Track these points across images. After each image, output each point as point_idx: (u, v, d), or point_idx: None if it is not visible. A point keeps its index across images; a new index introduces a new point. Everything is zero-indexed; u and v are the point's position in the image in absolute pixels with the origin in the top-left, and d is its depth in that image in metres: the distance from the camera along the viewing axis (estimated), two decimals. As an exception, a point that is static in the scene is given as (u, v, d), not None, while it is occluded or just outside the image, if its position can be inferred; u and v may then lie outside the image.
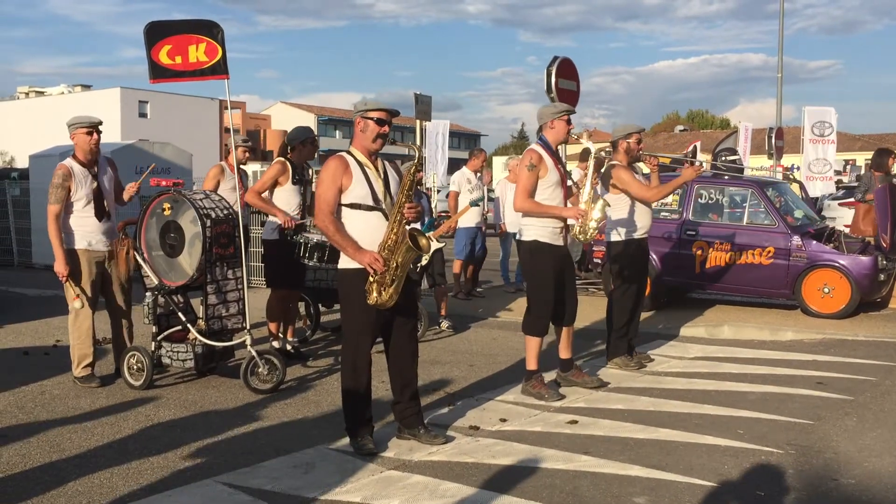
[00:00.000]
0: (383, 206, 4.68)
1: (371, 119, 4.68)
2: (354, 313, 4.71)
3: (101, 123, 6.30)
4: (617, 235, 6.89)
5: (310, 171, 7.33)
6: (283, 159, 7.02)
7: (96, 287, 6.26)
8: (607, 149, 6.87)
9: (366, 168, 4.69)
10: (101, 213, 6.20)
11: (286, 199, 6.95)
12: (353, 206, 4.65)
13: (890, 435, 5.11)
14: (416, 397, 4.95)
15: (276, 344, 7.07)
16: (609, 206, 6.30)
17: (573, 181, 6.39)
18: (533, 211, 5.81)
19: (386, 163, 4.87)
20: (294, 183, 6.98)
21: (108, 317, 6.52)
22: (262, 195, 6.90)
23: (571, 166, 6.28)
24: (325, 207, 4.64)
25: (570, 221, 6.11)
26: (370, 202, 4.66)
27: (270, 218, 7.04)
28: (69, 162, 6.19)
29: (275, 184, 6.94)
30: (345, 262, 4.71)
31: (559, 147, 6.06)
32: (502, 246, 11.53)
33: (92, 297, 6.23)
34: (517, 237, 6.11)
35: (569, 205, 5.96)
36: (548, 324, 5.95)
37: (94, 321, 6.26)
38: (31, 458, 4.61)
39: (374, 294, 4.55)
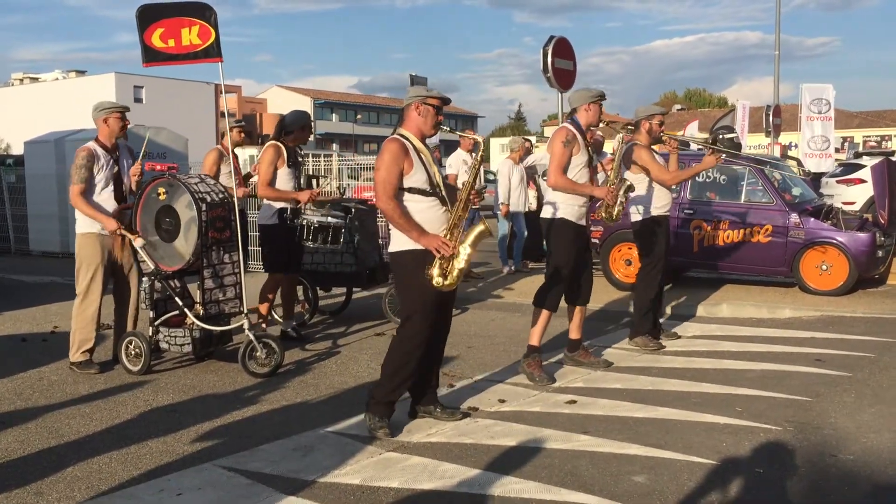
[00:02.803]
0: (440, 192, 4.67)
1: (432, 106, 4.68)
2: (415, 295, 4.67)
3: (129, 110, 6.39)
4: (638, 214, 6.97)
5: (300, 154, 7.28)
6: (276, 143, 6.96)
7: (107, 272, 6.27)
8: (629, 127, 6.90)
9: (422, 153, 4.67)
10: (120, 198, 6.22)
11: (283, 183, 6.91)
12: (411, 190, 4.63)
13: (888, 411, 5.12)
14: (436, 376, 5.04)
15: (263, 325, 7.03)
16: (633, 190, 6.35)
17: (600, 162, 6.48)
18: (567, 188, 5.86)
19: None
20: (289, 166, 6.94)
21: (114, 302, 6.51)
22: (272, 185, 6.84)
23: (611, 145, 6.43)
24: (388, 190, 4.58)
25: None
26: (428, 187, 4.64)
27: (266, 202, 7.00)
28: (92, 145, 6.17)
29: (275, 169, 6.88)
30: (402, 245, 4.66)
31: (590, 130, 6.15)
32: (500, 227, 11.44)
33: (102, 283, 6.23)
34: (543, 215, 6.12)
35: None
36: (559, 300, 5.97)
37: (101, 307, 6.26)
38: (30, 444, 4.61)
39: (439, 277, 4.54)
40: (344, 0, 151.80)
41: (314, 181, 7.70)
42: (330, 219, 6.88)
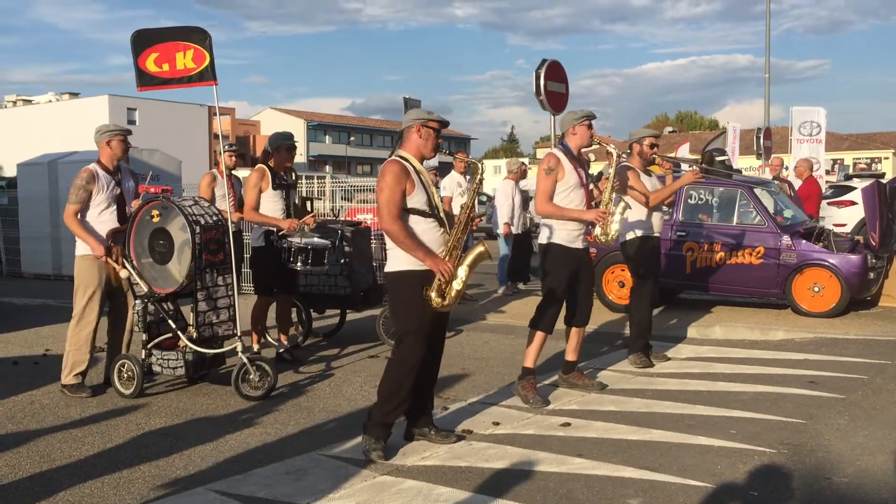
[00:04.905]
0: (439, 213, 4.71)
1: (433, 129, 4.72)
2: (412, 316, 4.68)
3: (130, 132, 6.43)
4: (630, 235, 7.01)
5: (293, 175, 7.33)
6: (261, 166, 7.04)
7: (104, 294, 6.25)
8: (627, 152, 6.97)
9: (421, 174, 4.71)
10: (122, 220, 6.23)
11: (270, 205, 6.96)
12: (412, 211, 4.65)
13: (882, 433, 5.13)
14: (431, 398, 5.03)
15: (254, 347, 7.10)
16: (630, 207, 6.40)
17: (595, 184, 6.48)
18: (554, 214, 5.88)
19: None
20: (275, 188, 6.99)
21: (109, 325, 6.49)
22: (256, 209, 6.92)
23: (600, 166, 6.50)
24: (393, 211, 4.59)
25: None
26: (428, 208, 4.67)
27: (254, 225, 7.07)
28: (94, 167, 6.18)
29: (259, 192, 6.95)
30: (399, 265, 4.67)
31: (581, 151, 6.16)
32: (502, 247, 11.39)
33: (99, 305, 6.21)
34: (539, 239, 6.15)
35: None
36: (554, 321, 5.97)
37: (96, 329, 6.23)
38: (22, 469, 4.58)
39: (438, 298, 4.57)
40: (337, 23, 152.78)
41: (308, 202, 7.72)
42: (315, 240, 6.90)
